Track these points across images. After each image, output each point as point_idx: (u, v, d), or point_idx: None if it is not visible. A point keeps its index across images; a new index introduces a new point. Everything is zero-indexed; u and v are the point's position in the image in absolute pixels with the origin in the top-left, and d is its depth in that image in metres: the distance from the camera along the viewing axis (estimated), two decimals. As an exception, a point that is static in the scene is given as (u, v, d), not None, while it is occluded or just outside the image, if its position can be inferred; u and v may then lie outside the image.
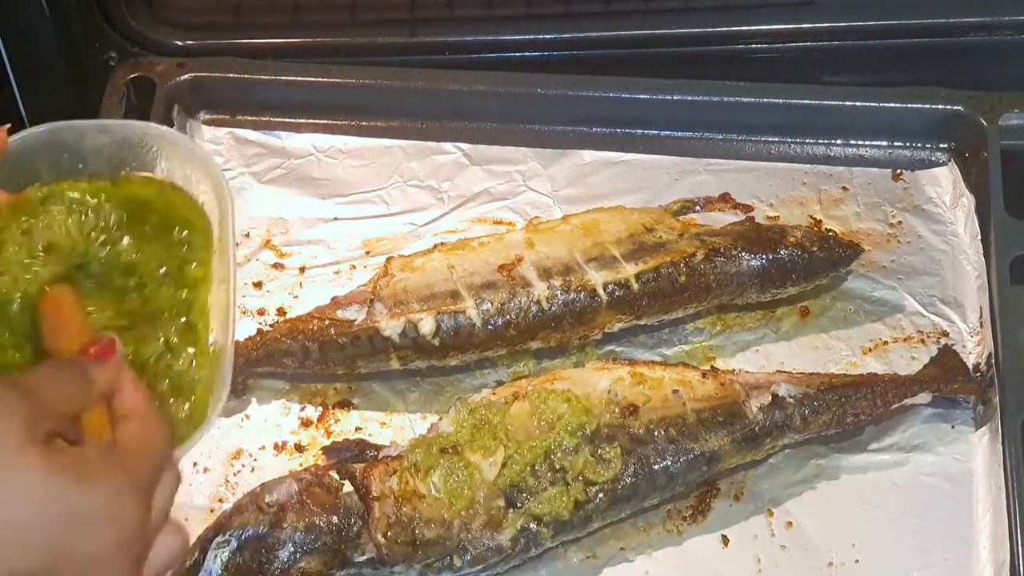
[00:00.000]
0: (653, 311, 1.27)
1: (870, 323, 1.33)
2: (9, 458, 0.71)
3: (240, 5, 1.57)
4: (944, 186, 1.42)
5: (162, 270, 1.02)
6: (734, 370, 1.26)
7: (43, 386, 0.76)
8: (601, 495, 1.14)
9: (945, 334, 1.31)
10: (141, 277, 1.01)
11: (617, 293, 1.24)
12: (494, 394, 1.20)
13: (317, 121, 1.47)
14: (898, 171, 1.43)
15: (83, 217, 1.03)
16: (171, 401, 0.97)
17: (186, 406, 0.97)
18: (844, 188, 1.42)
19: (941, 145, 1.45)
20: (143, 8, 1.50)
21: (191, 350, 0.99)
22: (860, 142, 1.46)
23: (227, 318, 0.99)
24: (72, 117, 1.38)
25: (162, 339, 0.99)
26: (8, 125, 0.98)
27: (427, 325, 1.22)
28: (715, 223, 1.36)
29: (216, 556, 1.08)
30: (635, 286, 1.24)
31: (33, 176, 1.02)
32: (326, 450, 1.19)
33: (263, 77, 1.47)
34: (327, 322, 1.23)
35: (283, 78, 1.47)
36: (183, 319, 1.00)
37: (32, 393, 0.74)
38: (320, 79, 1.47)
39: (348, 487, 1.12)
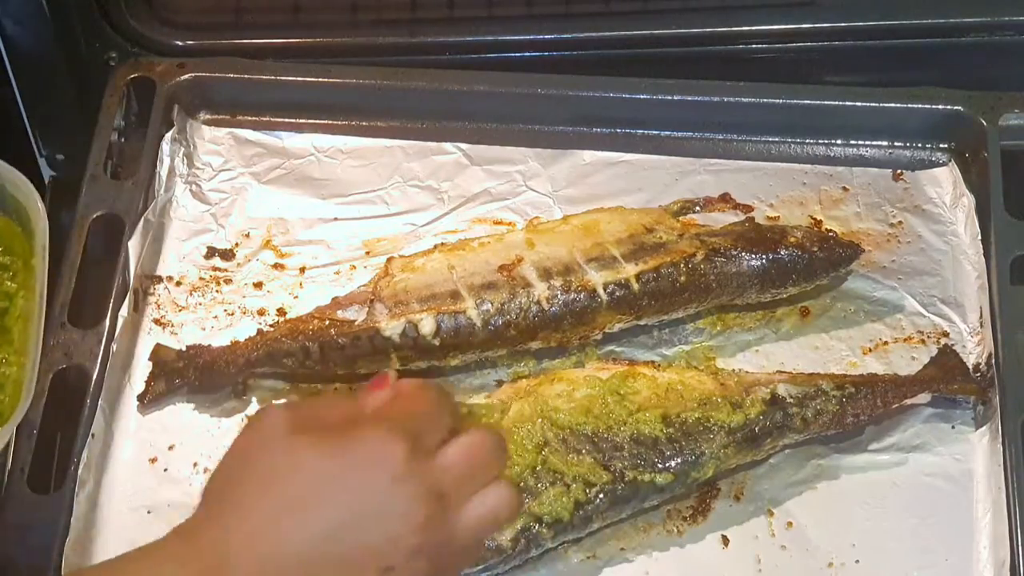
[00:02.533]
0: (653, 311, 1.27)
1: (870, 323, 1.33)
2: (279, 442, 0.80)
3: (240, 5, 1.57)
4: (944, 186, 1.42)
5: None
6: (734, 370, 1.26)
7: (314, 403, 0.89)
8: (601, 496, 1.14)
9: (945, 334, 1.31)
10: None
11: (617, 293, 1.24)
12: (488, 397, 1.20)
13: (317, 121, 1.47)
14: (898, 171, 1.43)
15: None
16: None
17: None
18: (844, 188, 1.42)
19: (941, 145, 1.45)
20: (143, 8, 1.50)
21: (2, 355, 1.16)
22: (860, 142, 1.46)
23: (37, 325, 1.13)
24: (72, 117, 1.39)
25: None
26: None
27: (427, 325, 1.22)
28: (715, 223, 1.36)
29: (216, 556, 1.08)
30: (635, 286, 1.24)
31: None
32: (326, 450, 1.19)
33: (263, 77, 1.47)
34: (327, 322, 1.24)
35: (283, 78, 1.47)
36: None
37: (298, 407, 0.85)
38: (320, 79, 1.46)
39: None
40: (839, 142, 1.47)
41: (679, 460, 1.16)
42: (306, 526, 0.79)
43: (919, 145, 1.46)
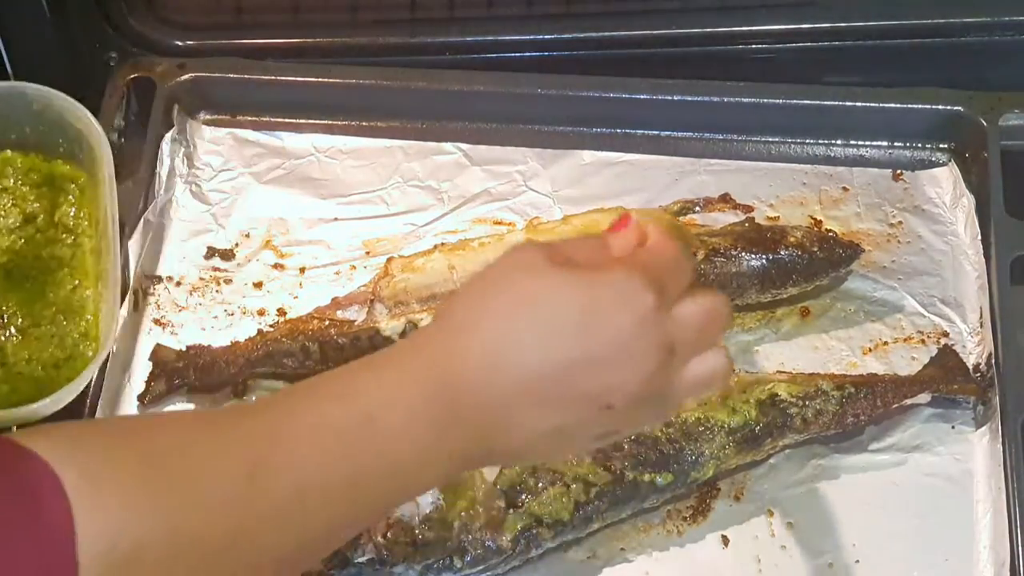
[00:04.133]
0: (653, 311, 1.26)
1: (870, 323, 1.33)
2: (535, 270, 0.80)
3: (240, 5, 1.57)
4: (944, 186, 1.42)
5: (55, 216, 1.11)
6: (734, 370, 1.26)
7: (564, 243, 0.84)
8: (601, 496, 1.14)
9: (945, 334, 1.31)
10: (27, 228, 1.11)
11: (617, 293, 1.24)
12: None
13: (317, 121, 1.47)
14: (898, 171, 1.43)
15: None
16: (64, 321, 1.08)
17: (80, 323, 1.14)
18: (844, 188, 1.42)
19: (941, 145, 1.45)
20: (143, 8, 1.50)
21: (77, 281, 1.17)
22: (860, 142, 1.46)
23: (114, 258, 1.13)
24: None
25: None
26: None
27: (427, 325, 1.22)
28: (715, 223, 1.36)
29: (216, 556, 1.08)
30: (635, 286, 1.24)
31: None
32: (326, 450, 1.19)
33: (263, 77, 1.47)
34: (327, 322, 1.24)
35: (283, 78, 1.47)
36: (75, 257, 1.18)
37: (552, 245, 0.83)
38: (320, 79, 1.46)
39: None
40: (839, 142, 1.47)
41: (679, 460, 1.16)
42: (549, 354, 0.78)
43: (919, 145, 1.46)
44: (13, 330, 1.13)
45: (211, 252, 1.36)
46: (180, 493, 0.71)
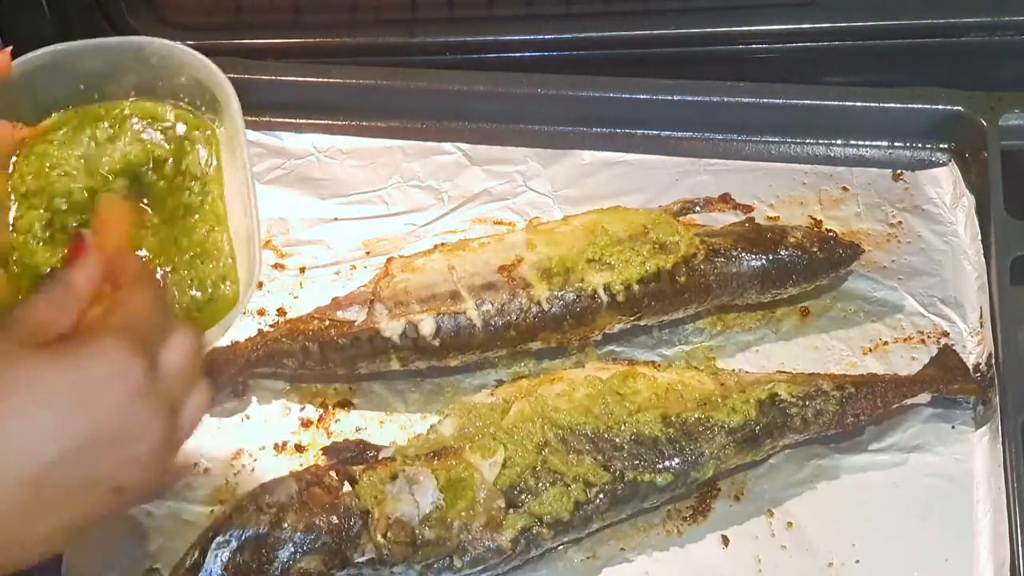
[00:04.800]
0: (653, 312, 1.27)
1: (870, 323, 1.33)
2: (6, 361, 0.76)
3: (240, 5, 1.57)
4: (944, 186, 1.42)
5: (183, 165, 1.17)
6: (734, 370, 1.26)
7: (27, 315, 0.79)
8: (601, 496, 1.14)
9: (945, 334, 1.31)
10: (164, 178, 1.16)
11: (617, 294, 1.24)
12: (492, 394, 1.21)
13: (317, 121, 1.47)
14: (898, 171, 1.43)
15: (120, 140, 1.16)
16: (201, 264, 1.13)
17: (218, 266, 1.12)
18: (844, 188, 1.42)
19: (941, 145, 1.45)
20: (143, 8, 1.50)
21: (210, 227, 1.14)
22: (860, 142, 1.46)
23: (248, 202, 1.10)
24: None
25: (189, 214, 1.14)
26: (10, 48, 1.02)
27: (427, 326, 1.22)
28: (715, 223, 1.36)
29: (216, 556, 1.08)
30: (635, 287, 1.24)
31: (35, 101, 1.12)
32: (326, 450, 1.19)
33: (263, 77, 1.47)
34: (327, 323, 1.24)
35: (283, 78, 1.47)
36: (204, 203, 1.15)
37: (13, 320, 0.79)
38: (320, 79, 1.47)
39: (348, 487, 1.12)
40: (839, 142, 1.47)
41: (679, 460, 1.16)
42: (37, 455, 0.75)
43: (919, 145, 1.46)
44: (157, 275, 1.12)
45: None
46: None
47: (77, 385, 0.76)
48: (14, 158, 1.13)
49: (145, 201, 1.15)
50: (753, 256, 1.29)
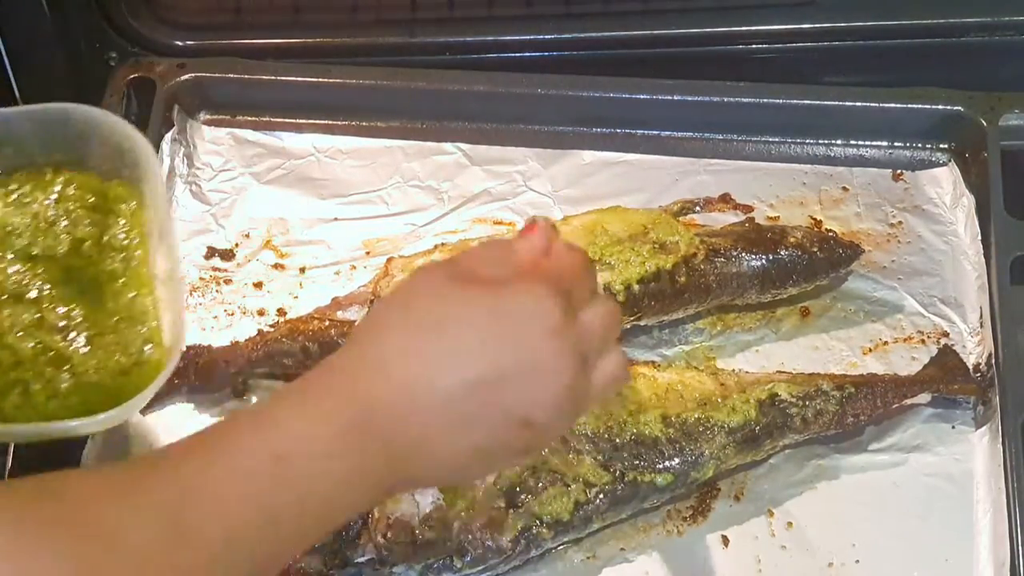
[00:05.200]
0: (653, 312, 1.27)
1: (870, 323, 1.33)
2: (440, 291, 0.81)
3: (240, 5, 1.57)
4: (944, 186, 1.42)
5: (104, 238, 1.18)
6: (734, 370, 1.26)
7: (462, 260, 0.85)
8: (601, 496, 1.14)
9: (945, 334, 1.31)
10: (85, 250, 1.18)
11: (617, 294, 1.24)
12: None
13: (317, 121, 1.47)
14: (898, 171, 1.43)
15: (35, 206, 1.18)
16: (127, 328, 1.14)
17: (143, 330, 1.14)
18: (844, 188, 1.42)
19: (941, 145, 1.45)
20: (143, 8, 1.50)
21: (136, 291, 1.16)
22: (860, 142, 1.46)
23: (173, 266, 1.13)
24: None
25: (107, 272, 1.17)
26: None
27: (427, 325, 1.22)
28: (715, 223, 1.36)
29: (216, 556, 1.08)
30: (635, 287, 1.24)
31: None
32: (326, 450, 1.19)
33: (263, 77, 1.47)
34: (327, 323, 1.23)
35: (283, 78, 1.47)
36: (129, 268, 1.17)
37: (456, 261, 0.84)
38: (320, 79, 1.46)
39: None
40: (839, 142, 1.47)
41: (679, 460, 1.16)
42: (461, 373, 0.79)
43: (919, 145, 1.46)
44: (82, 340, 1.13)
45: (211, 252, 1.36)
46: (100, 557, 0.69)
47: (499, 316, 0.80)
48: None
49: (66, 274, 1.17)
50: (753, 256, 1.29)
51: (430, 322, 0.80)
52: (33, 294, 1.14)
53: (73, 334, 1.14)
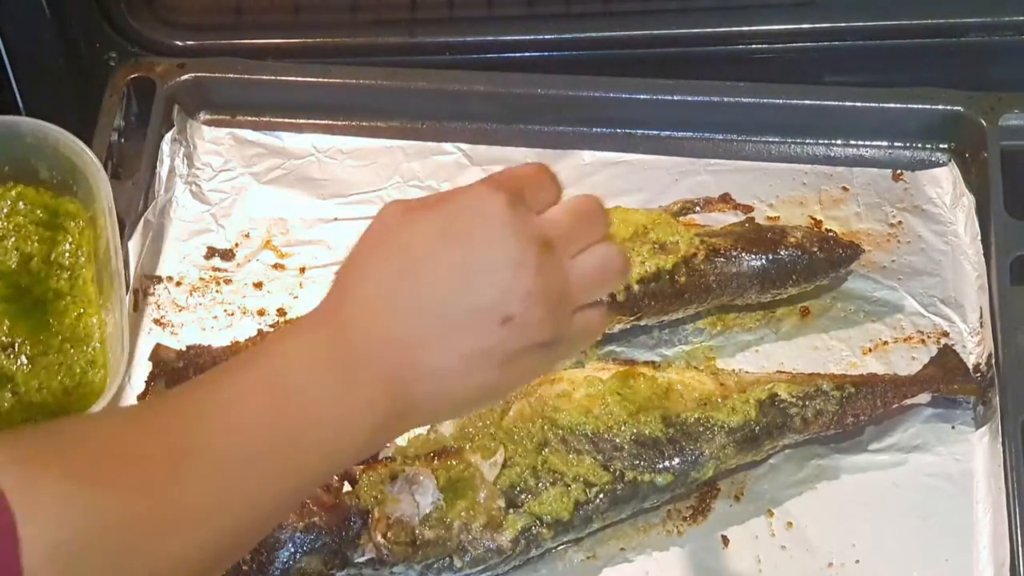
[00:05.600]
0: (653, 312, 1.27)
1: (870, 323, 1.32)
2: (395, 221, 0.83)
3: (240, 5, 1.57)
4: (944, 186, 1.42)
5: (51, 256, 1.21)
6: (734, 370, 1.26)
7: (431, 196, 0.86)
8: (601, 496, 1.14)
9: (945, 334, 1.31)
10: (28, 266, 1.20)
11: (617, 294, 1.24)
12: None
13: (317, 121, 1.47)
14: (898, 171, 1.43)
15: None
16: (70, 349, 1.15)
17: (87, 350, 1.15)
18: (844, 188, 1.42)
19: (941, 145, 1.45)
20: (143, 8, 1.50)
21: (80, 310, 1.18)
22: (860, 142, 1.46)
23: (119, 288, 1.15)
24: (72, 117, 1.38)
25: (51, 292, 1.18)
26: None
27: (427, 325, 1.22)
28: (715, 223, 1.36)
29: (216, 556, 1.08)
30: (635, 287, 1.24)
31: None
32: (326, 450, 1.19)
33: (263, 77, 1.47)
34: (327, 322, 1.23)
35: (283, 78, 1.47)
36: (75, 287, 1.19)
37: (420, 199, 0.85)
38: (320, 79, 1.46)
39: (348, 487, 1.12)
40: (839, 142, 1.47)
41: (679, 460, 1.16)
42: (428, 278, 0.80)
43: (919, 145, 1.46)
44: (24, 359, 1.14)
45: (211, 252, 1.36)
46: (111, 485, 0.71)
47: (444, 223, 0.81)
48: None
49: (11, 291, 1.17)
50: (753, 256, 1.29)
51: (393, 243, 0.82)
52: None
53: (17, 353, 1.14)
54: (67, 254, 1.20)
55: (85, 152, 1.19)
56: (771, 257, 1.29)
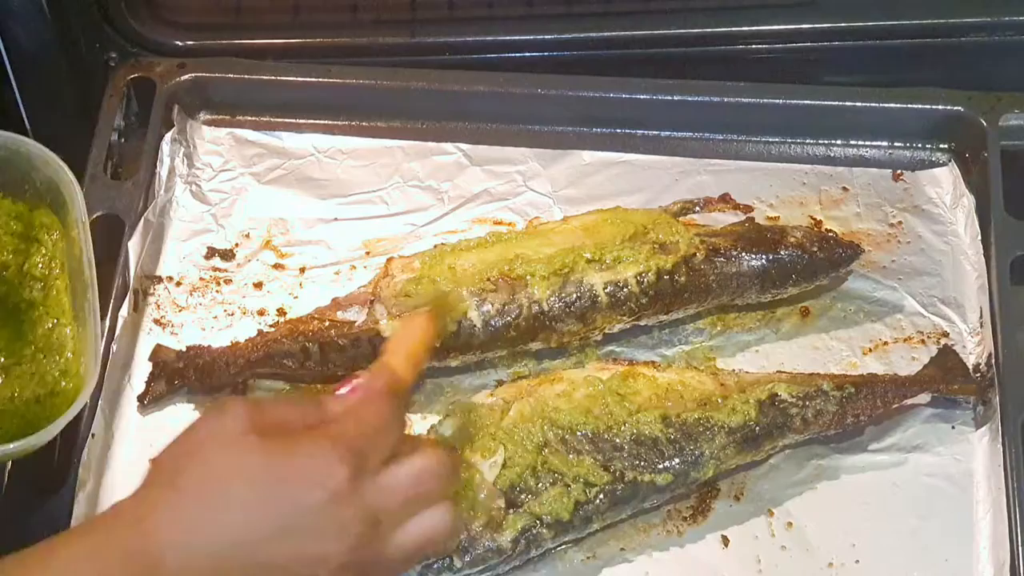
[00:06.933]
0: (653, 312, 1.27)
1: (870, 323, 1.33)
2: (231, 439, 0.82)
3: (240, 5, 1.57)
4: (944, 186, 1.42)
5: (25, 266, 1.21)
6: (734, 370, 1.26)
7: (268, 410, 0.86)
8: (601, 496, 1.14)
9: (945, 334, 1.31)
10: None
11: (617, 294, 1.24)
12: (492, 394, 1.21)
13: (317, 121, 1.47)
14: (898, 171, 1.43)
15: None
16: (43, 359, 1.16)
17: (59, 360, 1.16)
18: (844, 188, 1.42)
19: (941, 145, 1.45)
20: (143, 8, 1.50)
21: (54, 320, 1.18)
22: (860, 142, 1.46)
23: (91, 301, 1.14)
24: (72, 117, 1.38)
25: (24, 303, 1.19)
26: None
27: (427, 326, 1.22)
28: (715, 223, 1.36)
29: (216, 556, 1.08)
30: (635, 287, 1.24)
31: None
32: (326, 450, 1.19)
33: (263, 77, 1.47)
34: (327, 323, 1.24)
35: (283, 78, 1.47)
36: (48, 297, 1.19)
37: (261, 407, 0.85)
38: (320, 79, 1.46)
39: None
40: (839, 142, 1.47)
41: (679, 460, 1.16)
42: (235, 528, 0.81)
43: (919, 145, 1.46)
44: None
45: (211, 252, 1.36)
46: None
47: (277, 479, 0.82)
48: None
49: None
50: (753, 256, 1.29)
51: (215, 472, 0.82)
52: None
53: None
54: (40, 265, 1.21)
55: (58, 164, 1.20)
56: (771, 257, 1.29)
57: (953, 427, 1.25)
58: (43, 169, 1.20)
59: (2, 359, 1.16)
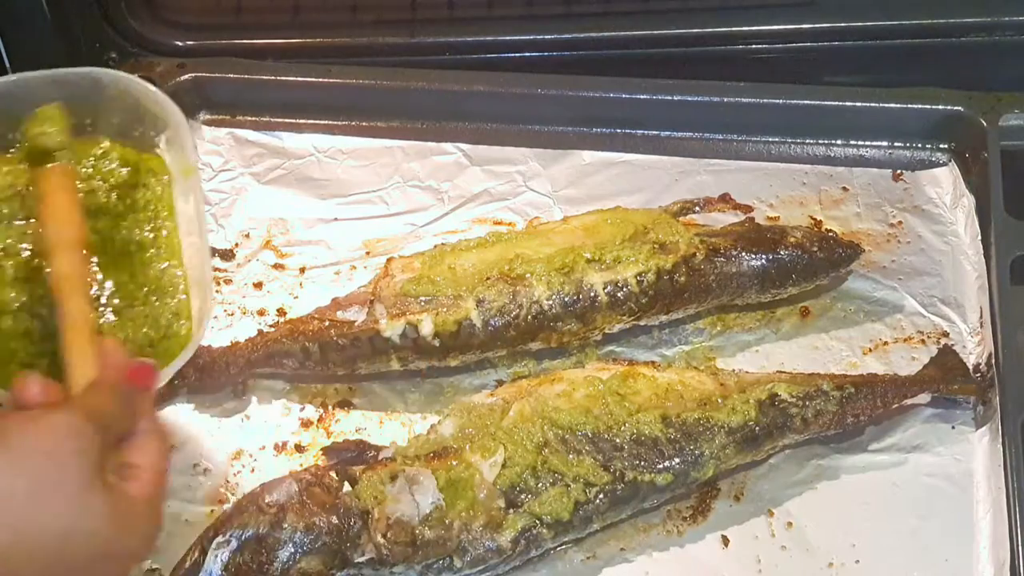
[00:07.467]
0: (653, 312, 1.27)
1: (870, 323, 1.33)
2: (83, 494, 0.84)
3: (240, 5, 1.57)
4: (944, 186, 1.42)
5: (137, 210, 1.20)
6: (734, 370, 1.26)
7: (106, 415, 0.88)
8: (601, 496, 1.14)
9: (945, 334, 1.31)
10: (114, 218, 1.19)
11: (617, 294, 1.24)
12: (492, 394, 1.21)
13: (317, 121, 1.47)
14: (898, 171, 1.43)
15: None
16: (156, 300, 1.16)
17: (172, 303, 1.16)
18: (844, 188, 1.42)
19: (941, 145, 1.45)
20: (143, 8, 1.50)
21: (167, 263, 1.18)
22: (860, 142, 1.46)
23: (202, 239, 1.15)
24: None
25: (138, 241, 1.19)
26: None
27: (427, 326, 1.22)
28: (715, 223, 1.36)
29: (216, 556, 1.08)
30: (635, 287, 1.24)
31: None
32: (326, 450, 1.19)
33: (263, 77, 1.47)
34: (327, 323, 1.23)
35: (283, 78, 1.47)
36: (159, 239, 1.19)
37: (101, 424, 0.86)
38: (320, 79, 1.47)
39: (348, 487, 1.12)
40: (839, 142, 1.47)
41: (679, 460, 1.16)
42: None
43: (919, 145, 1.46)
44: (110, 311, 1.14)
45: (211, 252, 1.36)
46: None
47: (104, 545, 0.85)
48: None
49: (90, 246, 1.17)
50: (753, 256, 1.29)
51: None
52: None
53: (103, 305, 1.14)
54: (151, 207, 1.19)
55: (167, 103, 1.18)
56: (771, 257, 1.29)
57: (953, 427, 1.25)
58: (151, 108, 1.19)
59: (117, 301, 1.15)
